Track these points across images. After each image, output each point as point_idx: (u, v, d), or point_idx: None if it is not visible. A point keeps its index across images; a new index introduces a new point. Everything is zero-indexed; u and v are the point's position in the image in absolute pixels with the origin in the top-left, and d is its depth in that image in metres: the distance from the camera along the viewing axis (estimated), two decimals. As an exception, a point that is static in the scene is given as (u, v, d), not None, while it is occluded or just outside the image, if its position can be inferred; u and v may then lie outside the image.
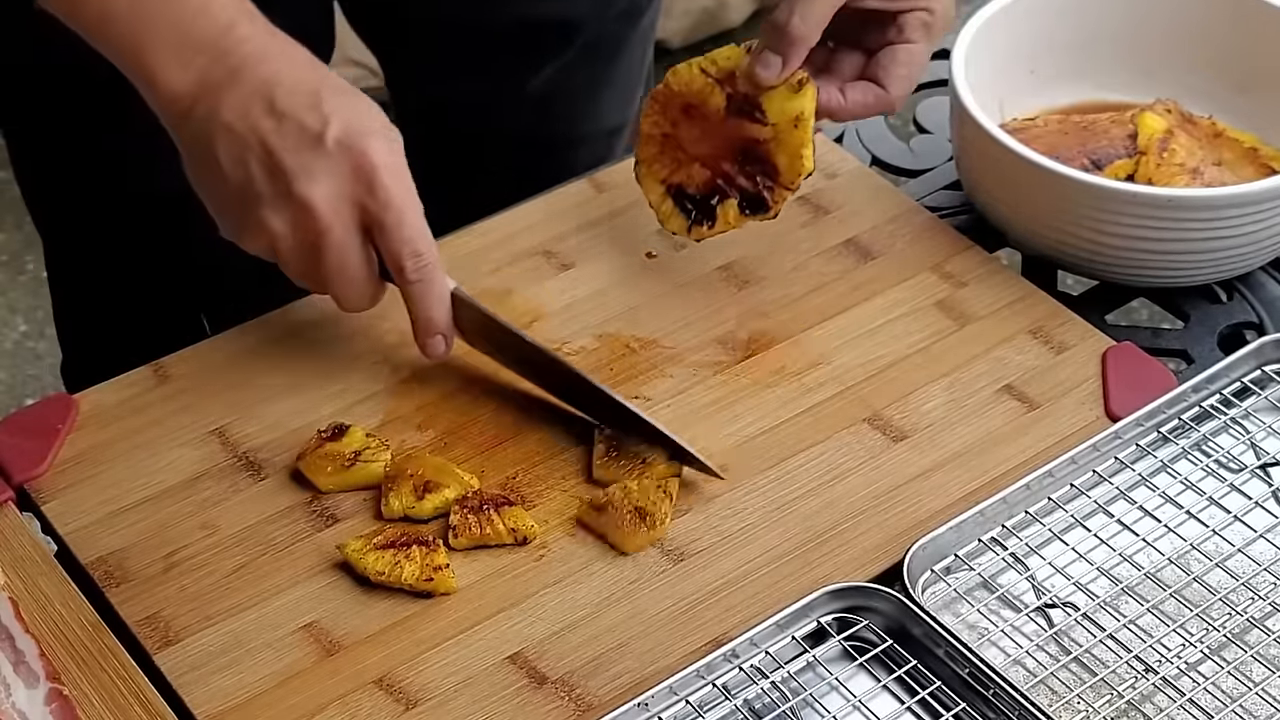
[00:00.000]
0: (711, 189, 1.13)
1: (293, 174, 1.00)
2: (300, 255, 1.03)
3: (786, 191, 1.12)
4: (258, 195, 1.00)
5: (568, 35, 1.39)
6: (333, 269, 1.03)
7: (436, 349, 1.08)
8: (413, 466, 1.05)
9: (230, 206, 1.03)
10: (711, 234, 1.14)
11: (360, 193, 1.01)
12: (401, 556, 1.00)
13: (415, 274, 1.04)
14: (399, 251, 1.03)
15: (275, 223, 1.01)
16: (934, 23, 1.13)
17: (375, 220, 1.02)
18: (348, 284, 1.04)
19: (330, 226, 1.01)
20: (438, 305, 1.06)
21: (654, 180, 1.15)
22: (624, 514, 1.02)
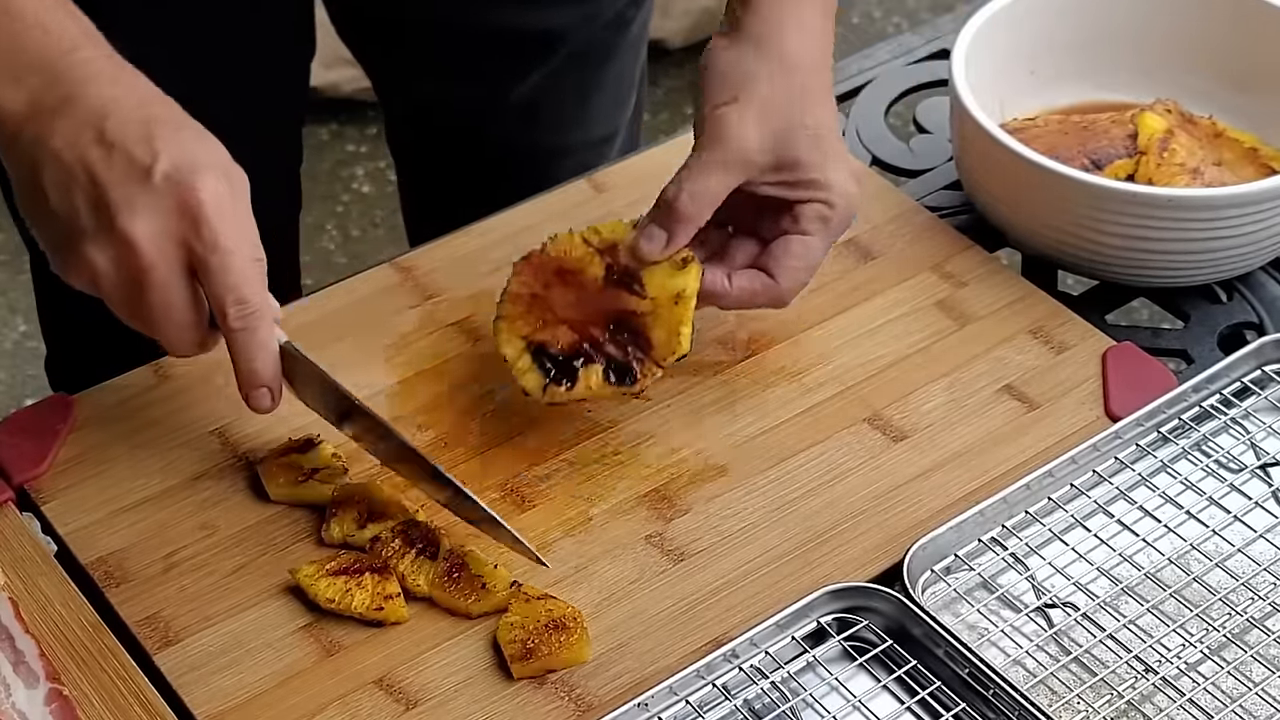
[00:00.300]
0: (576, 351, 1.06)
1: (116, 208, 0.94)
2: (124, 294, 0.96)
3: (657, 368, 1.05)
4: (81, 229, 0.95)
5: (553, 44, 1.39)
6: (157, 310, 0.96)
7: (261, 402, 1.00)
8: (362, 494, 1.04)
9: (55, 238, 0.97)
10: (567, 397, 1.05)
11: (185, 231, 0.95)
12: (353, 584, 0.99)
13: (238, 321, 0.97)
14: (222, 297, 0.96)
15: (98, 258, 0.95)
16: (832, 217, 1.08)
17: (200, 262, 0.95)
18: (172, 326, 0.98)
19: (153, 265, 0.95)
20: (261, 356, 0.99)
21: (514, 335, 1.07)
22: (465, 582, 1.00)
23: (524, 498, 1.06)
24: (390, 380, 1.14)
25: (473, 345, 1.16)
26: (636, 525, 1.05)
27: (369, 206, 2.69)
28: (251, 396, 1.01)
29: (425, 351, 1.16)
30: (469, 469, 1.08)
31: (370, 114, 2.72)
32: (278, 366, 1.00)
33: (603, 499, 1.06)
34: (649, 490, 1.07)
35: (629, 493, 1.07)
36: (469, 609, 0.99)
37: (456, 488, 1.01)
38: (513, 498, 1.06)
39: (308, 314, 1.18)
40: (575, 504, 1.06)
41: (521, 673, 0.97)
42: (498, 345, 1.08)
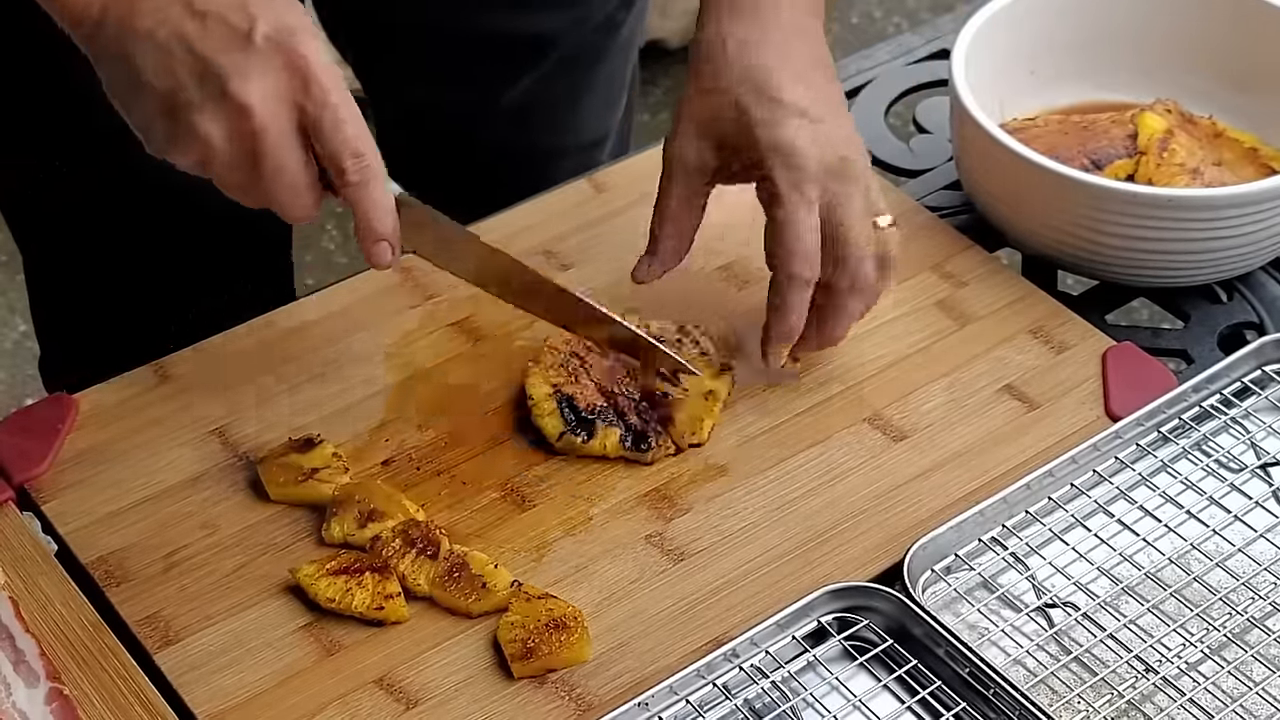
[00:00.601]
0: (599, 411, 1.08)
1: (225, 75, 0.94)
2: (236, 162, 0.96)
3: (672, 444, 1.08)
4: (187, 102, 0.94)
5: (543, 48, 1.39)
6: (270, 173, 0.97)
7: (382, 257, 1.01)
8: (362, 493, 1.04)
9: (157, 119, 0.96)
10: (581, 448, 1.08)
11: (296, 91, 0.95)
12: (353, 583, 0.99)
13: (356, 174, 0.98)
14: (339, 152, 0.97)
15: (209, 128, 0.95)
16: (801, 178, 1.06)
17: (313, 120, 0.96)
18: (286, 189, 0.98)
19: (266, 127, 0.95)
20: (380, 209, 0.99)
21: (543, 380, 1.10)
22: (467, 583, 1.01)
23: (524, 498, 1.06)
24: (390, 380, 1.14)
25: (473, 345, 1.16)
26: (636, 525, 1.05)
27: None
28: (373, 252, 1.01)
29: (425, 351, 1.16)
30: (469, 469, 1.08)
31: (368, 114, 2.72)
32: (395, 220, 1.01)
33: (603, 499, 1.07)
34: (649, 490, 1.07)
35: (629, 493, 1.07)
36: (469, 608, 0.99)
37: (613, 320, 1.05)
38: (513, 498, 1.06)
39: (308, 314, 1.18)
40: (575, 504, 1.06)
41: (522, 672, 0.97)
42: (527, 384, 1.10)
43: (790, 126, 1.06)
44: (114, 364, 1.15)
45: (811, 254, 1.06)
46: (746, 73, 1.08)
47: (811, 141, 1.06)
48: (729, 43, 1.09)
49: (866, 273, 1.07)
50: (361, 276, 1.21)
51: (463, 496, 1.07)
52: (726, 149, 1.09)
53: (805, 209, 1.06)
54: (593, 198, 1.27)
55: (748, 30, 1.09)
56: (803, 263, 1.06)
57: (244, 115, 0.94)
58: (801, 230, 1.06)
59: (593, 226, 1.24)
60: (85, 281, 1.43)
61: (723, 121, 1.08)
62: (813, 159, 1.06)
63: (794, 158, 1.06)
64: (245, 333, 1.17)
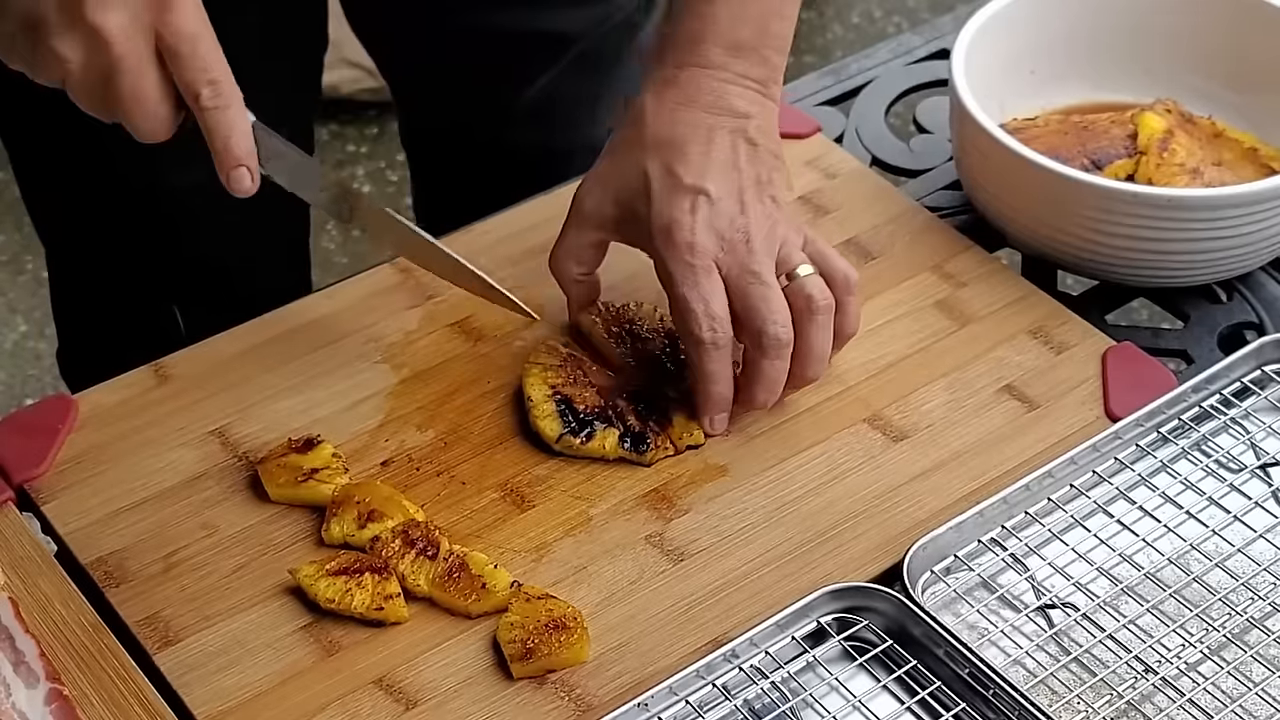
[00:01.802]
0: (598, 412, 1.08)
1: (83, 2, 0.96)
2: (93, 84, 0.99)
3: (670, 446, 1.08)
4: (47, 24, 0.97)
5: (562, 46, 1.39)
6: (126, 97, 0.99)
7: (241, 183, 1.03)
8: (361, 494, 1.04)
9: (18, 36, 0.99)
10: (579, 450, 1.07)
11: (154, 19, 0.98)
12: (353, 584, 0.99)
13: (211, 101, 1.00)
14: (195, 80, 1.00)
15: (67, 50, 0.98)
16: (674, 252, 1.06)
17: (169, 48, 0.99)
18: (141, 113, 1.00)
19: (124, 54, 0.98)
20: (236, 134, 1.02)
21: (542, 382, 1.10)
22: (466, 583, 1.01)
23: (523, 498, 1.06)
24: (390, 380, 1.14)
25: (473, 345, 1.16)
26: (636, 525, 1.05)
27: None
28: (232, 177, 1.03)
29: (425, 351, 1.16)
30: (469, 469, 1.08)
31: (371, 114, 2.72)
32: (252, 144, 1.03)
33: (603, 499, 1.07)
34: (649, 490, 1.07)
35: (629, 493, 1.07)
36: (469, 609, 0.99)
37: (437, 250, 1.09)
38: (513, 498, 1.06)
39: (308, 314, 1.18)
40: (575, 504, 1.06)
41: (521, 673, 0.97)
42: (525, 386, 1.10)
43: (682, 206, 1.06)
44: (130, 356, 1.15)
45: (710, 313, 1.05)
46: (660, 145, 1.08)
47: (701, 220, 1.06)
48: (656, 110, 1.09)
49: (774, 334, 1.05)
50: (361, 277, 1.21)
51: (462, 497, 1.07)
52: (624, 210, 1.09)
53: (694, 275, 1.05)
54: (593, 198, 1.27)
55: (675, 104, 1.09)
56: (702, 323, 1.05)
57: (102, 42, 0.97)
58: (694, 294, 1.05)
59: (593, 226, 1.24)
60: (105, 275, 1.44)
61: (627, 185, 1.09)
62: (699, 236, 1.06)
63: (679, 233, 1.06)
64: (246, 333, 1.17)
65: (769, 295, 1.05)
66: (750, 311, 1.05)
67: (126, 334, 1.44)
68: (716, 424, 1.09)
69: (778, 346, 1.06)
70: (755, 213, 1.07)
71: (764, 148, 1.09)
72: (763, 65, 1.10)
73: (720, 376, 1.07)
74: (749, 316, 1.06)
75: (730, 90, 1.09)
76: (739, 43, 1.09)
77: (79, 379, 1.16)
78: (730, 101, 1.09)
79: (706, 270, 1.05)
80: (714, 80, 1.09)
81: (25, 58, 1.00)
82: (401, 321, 1.18)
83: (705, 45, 1.09)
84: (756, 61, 1.10)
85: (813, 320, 1.07)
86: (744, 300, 1.05)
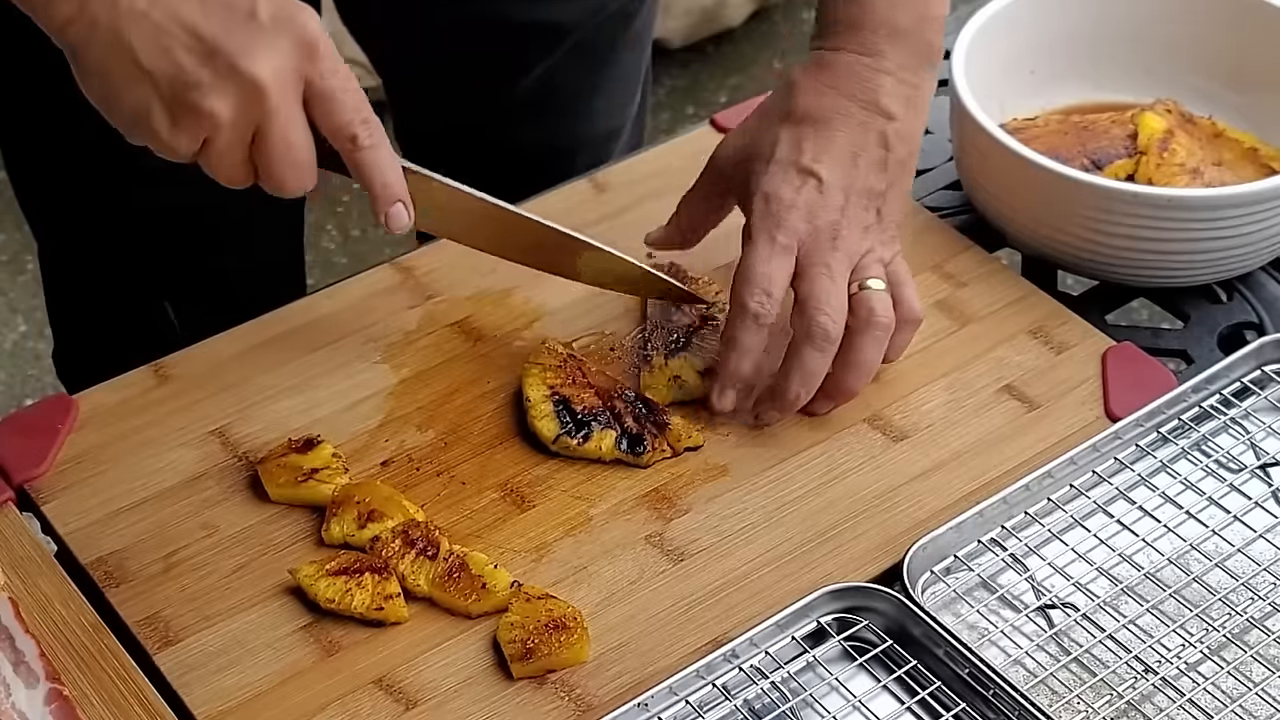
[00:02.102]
0: (596, 413, 1.09)
1: (233, 54, 0.94)
2: (240, 142, 0.97)
3: (668, 449, 1.08)
4: (192, 84, 0.94)
5: (557, 37, 1.39)
6: (278, 146, 0.98)
7: (400, 219, 1.03)
8: (361, 494, 1.04)
9: (154, 103, 0.96)
10: (576, 450, 1.08)
11: (304, 65, 0.97)
12: (353, 584, 0.99)
13: (368, 140, 1.00)
14: (349, 121, 0.99)
15: (218, 105, 0.95)
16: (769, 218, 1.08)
17: (320, 91, 0.98)
18: (292, 162, 0.99)
19: (278, 104, 0.96)
20: (393, 170, 1.02)
21: (541, 382, 1.10)
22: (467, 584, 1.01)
23: (524, 498, 1.06)
24: (390, 380, 1.14)
25: (473, 345, 1.16)
26: (636, 525, 1.05)
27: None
28: (392, 214, 1.03)
29: (425, 351, 1.16)
30: (469, 469, 1.08)
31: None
32: (404, 180, 1.03)
33: (603, 499, 1.07)
34: (648, 490, 1.07)
35: (629, 493, 1.07)
36: (469, 609, 0.99)
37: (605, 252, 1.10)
38: (513, 498, 1.06)
39: (308, 314, 1.18)
40: (575, 504, 1.06)
41: (521, 673, 0.97)
42: (524, 386, 1.10)
43: (790, 181, 1.08)
44: (128, 363, 1.15)
45: (767, 289, 1.06)
46: (798, 118, 1.10)
47: (804, 200, 1.07)
48: (804, 85, 1.11)
49: (821, 324, 1.06)
50: (361, 277, 1.21)
51: (462, 497, 1.07)
52: (745, 171, 1.11)
53: (771, 248, 1.07)
54: (593, 198, 1.27)
55: (825, 85, 1.10)
56: (755, 295, 1.06)
57: (256, 92, 0.95)
58: (760, 265, 1.07)
59: (593, 226, 1.24)
60: (97, 272, 1.44)
61: (758, 146, 1.11)
62: (796, 213, 1.07)
63: (776, 204, 1.08)
64: (245, 333, 1.17)
65: (832, 290, 1.06)
66: (808, 298, 1.06)
67: (122, 333, 1.44)
68: (726, 400, 1.09)
69: (824, 338, 1.06)
70: (853, 217, 1.08)
71: (894, 157, 1.10)
72: (923, 50, 1.11)
73: (748, 350, 1.07)
74: (805, 302, 1.07)
75: (884, 82, 1.10)
76: (898, 29, 1.10)
77: (76, 378, 1.15)
78: (879, 96, 1.10)
79: (785, 250, 1.07)
80: (869, 70, 1.10)
81: (164, 125, 0.96)
82: (401, 321, 1.18)
83: (864, 32, 1.10)
84: (916, 46, 1.11)
85: (868, 333, 1.07)
86: (807, 286, 1.07)
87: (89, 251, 1.43)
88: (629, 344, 1.16)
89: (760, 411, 1.10)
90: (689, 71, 2.90)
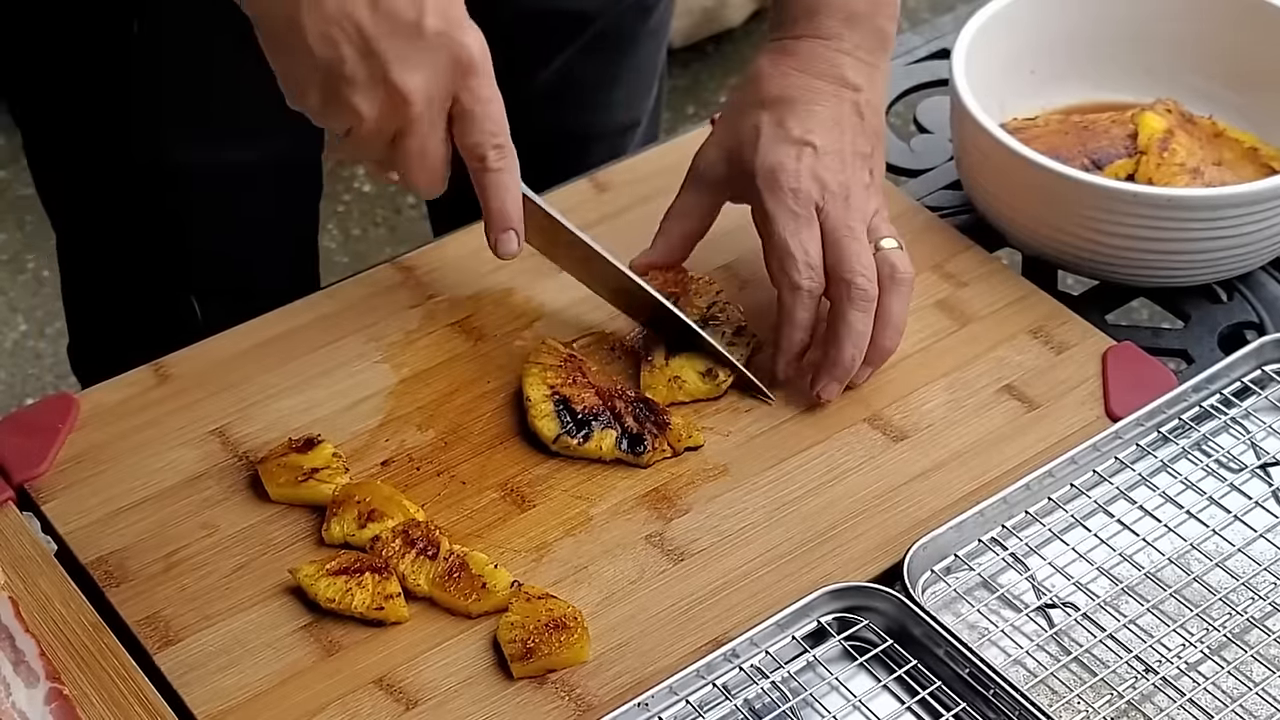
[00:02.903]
0: (596, 413, 1.09)
1: (388, 61, 0.97)
2: (380, 139, 1.01)
3: (668, 449, 1.08)
4: (347, 77, 0.98)
5: (579, 26, 1.40)
6: (414, 155, 1.01)
7: (509, 245, 1.06)
8: (362, 494, 1.04)
9: (311, 83, 1.00)
10: (576, 450, 1.08)
11: (455, 84, 1.00)
12: (353, 584, 0.99)
13: (498, 163, 1.03)
14: (484, 143, 1.02)
15: (363, 106, 0.99)
16: (779, 189, 1.10)
17: (465, 111, 1.01)
18: (423, 168, 1.02)
19: (421, 115, 0.99)
20: (513, 198, 1.05)
21: (541, 381, 1.11)
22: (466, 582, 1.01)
23: (524, 498, 1.06)
24: (391, 380, 1.14)
25: (473, 345, 1.16)
26: (636, 525, 1.05)
27: (370, 206, 2.69)
28: (501, 240, 1.05)
29: (425, 351, 1.16)
30: (469, 469, 1.08)
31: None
32: (522, 208, 1.05)
33: (603, 499, 1.07)
34: (649, 490, 1.07)
35: (629, 493, 1.07)
36: (469, 609, 0.99)
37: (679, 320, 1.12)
38: (513, 498, 1.06)
39: (309, 313, 1.18)
40: (575, 504, 1.06)
41: (521, 672, 0.97)
42: (524, 385, 1.10)
43: (789, 152, 1.11)
44: (147, 358, 1.15)
45: (808, 261, 1.09)
46: (772, 101, 1.13)
47: (806, 166, 1.10)
48: (770, 73, 1.14)
49: (861, 285, 1.08)
50: (362, 276, 1.21)
51: (462, 497, 1.07)
52: (735, 165, 1.13)
53: (796, 222, 1.09)
54: (593, 198, 1.27)
55: (790, 69, 1.14)
56: (801, 270, 1.09)
57: (402, 101, 0.98)
58: (795, 240, 1.09)
59: (593, 226, 1.24)
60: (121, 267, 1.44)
61: (740, 139, 1.13)
62: (804, 179, 1.10)
63: (782, 175, 1.10)
64: (245, 333, 1.17)
65: (861, 251, 1.09)
66: (842, 263, 1.08)
67: (145, 327, 1.44)
68: (788, 369, 1.12)
69: (865, 299, 1.08)
70: (855, 177, 1.11)
71: (869, 122, 1.13)
72: (876, 35, 1.15)
73: (805, 324, 1.10)
74: (840, 266, 1.08)
75: (845, 61, 1.14)
76: (854, 14, 1.14)
77: (94, 374, 1.16)
78: (843, 72, 1.13)
79: (809, 219, 1.09)
80: (830, 50, 1.14)
81: (315, 105, 1.00)
82: (402, 321, 1.18)
83: (820, 17, 1.14)
84: (871, 31, 1.14)
85: (895, 290, 1.10)
86: (838, 251, 1.09)
87: (113, 246, 1.43)
88: (629, 344, 1.16)
89: (820, 387, 1.11)
90: (689, 71, 2.90)
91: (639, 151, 1.34)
